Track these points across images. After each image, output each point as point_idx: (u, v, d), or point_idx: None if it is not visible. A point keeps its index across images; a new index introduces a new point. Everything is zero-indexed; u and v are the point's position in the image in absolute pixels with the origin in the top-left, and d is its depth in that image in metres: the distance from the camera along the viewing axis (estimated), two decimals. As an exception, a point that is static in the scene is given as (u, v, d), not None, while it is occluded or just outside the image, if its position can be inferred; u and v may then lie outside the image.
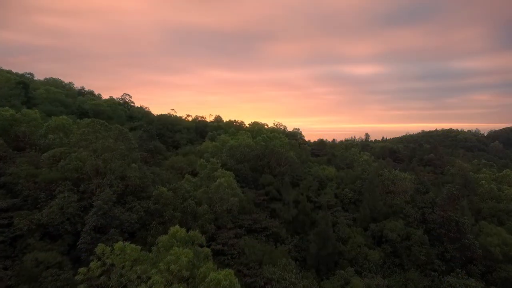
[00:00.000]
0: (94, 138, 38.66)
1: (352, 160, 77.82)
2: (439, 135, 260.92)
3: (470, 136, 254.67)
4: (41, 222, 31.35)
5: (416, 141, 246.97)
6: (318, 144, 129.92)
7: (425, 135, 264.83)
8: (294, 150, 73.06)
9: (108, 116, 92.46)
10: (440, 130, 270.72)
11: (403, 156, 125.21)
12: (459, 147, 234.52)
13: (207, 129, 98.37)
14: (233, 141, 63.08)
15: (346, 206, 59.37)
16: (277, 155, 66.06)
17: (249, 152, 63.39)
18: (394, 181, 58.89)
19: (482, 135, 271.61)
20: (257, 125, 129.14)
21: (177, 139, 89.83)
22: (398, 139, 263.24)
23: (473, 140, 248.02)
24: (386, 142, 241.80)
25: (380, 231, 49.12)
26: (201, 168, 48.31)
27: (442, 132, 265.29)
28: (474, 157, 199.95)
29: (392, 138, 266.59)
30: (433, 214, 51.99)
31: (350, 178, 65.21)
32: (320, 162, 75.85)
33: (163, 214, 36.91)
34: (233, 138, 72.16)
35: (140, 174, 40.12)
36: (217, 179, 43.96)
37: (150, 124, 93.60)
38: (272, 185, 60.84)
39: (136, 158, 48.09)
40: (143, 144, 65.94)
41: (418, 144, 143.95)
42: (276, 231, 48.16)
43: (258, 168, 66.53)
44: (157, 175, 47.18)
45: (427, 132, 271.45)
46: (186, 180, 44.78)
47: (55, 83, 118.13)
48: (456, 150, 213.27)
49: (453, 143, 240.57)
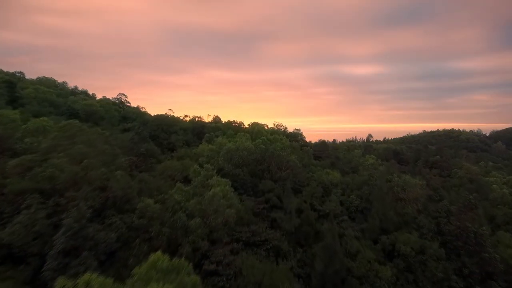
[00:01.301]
0: (70, 143, 33.82)
1: (357, 164, 72.99)
2: (440, 135, 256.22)
3: (472, 136, 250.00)
4: (3, 242, 26.57)
5: (418, 142, 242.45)
6: (320, 145, 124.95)
7: (426, 136, 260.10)
8: (296, 153, 68.28)
9: (100, 117, 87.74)
10: (441, 131, 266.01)
11: (407, 157, 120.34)
12: (462, 148, 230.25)
13: (205, 130, 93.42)
14: (230, 144, 58.23)
15: (352, 215, 54.50)
16: (278, 159, 61.19)
17: (248, 156, 58.54)
18: (404, 187, 54.04)
19: (484, 136, 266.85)
20: (257, 125, 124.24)
21: (172, 141, 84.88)
22: (400, 139, 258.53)
23: (476, 140, 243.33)
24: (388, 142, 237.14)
25: (392, 244, 44.30)
26: (195, 175, 43.49)
27: (443, 133, 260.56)
28: (477, 158, 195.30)
29: (394, 139, 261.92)
30: (449, 224, 47.18)
31: (356, 183, 60.35)
32: (324, 165, 71.00)
33: (149, 229, 32.10)
34: (231, 140, 67.31)
35: (123, 183, 35.26)
36: (211, 187, 39.16)
37: (145, 125, 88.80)
38: (273, 192, 55.96)
39: (120, 164, 43.33)
40: (134, 147, 61.11)
41: (423, 145, 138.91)
42: (277, 245, 43.36)
43: (258, 172, 61.65)
44: (145, 183, 42.33)
45: (429, 133, 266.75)
46: (178, 189, 39.93)
47: (48, 82, 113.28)
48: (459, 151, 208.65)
49: (455, 144, 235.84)
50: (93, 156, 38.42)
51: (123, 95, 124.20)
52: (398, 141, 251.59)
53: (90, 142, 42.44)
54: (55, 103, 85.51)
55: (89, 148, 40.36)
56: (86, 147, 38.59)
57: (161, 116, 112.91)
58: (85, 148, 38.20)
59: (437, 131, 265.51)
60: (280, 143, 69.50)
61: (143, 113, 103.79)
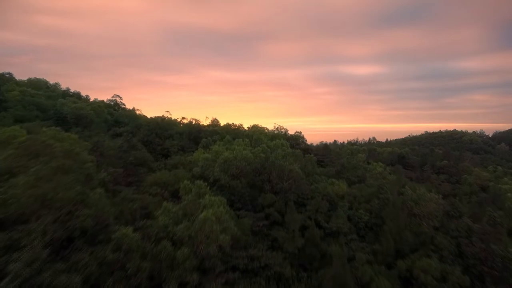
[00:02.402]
0: (33, 162, 28.24)
1: (364, 172, 67.35)
2: (443, 136, 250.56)
3: (475, 137, 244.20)
4: None
5: (420, 143, 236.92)
6: (322, 149, 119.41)
7: (429, 137, 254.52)
8: (298, 160, 62.63)
9: (91, 121, 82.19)
10: (444, 132, 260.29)
11: (412, 162, 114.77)
12: (465, 149, 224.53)
13: (201, 134, 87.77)
14: (227, 153, 52.62)
15: (361, 232, 48.94)
16: (279, 169, 55.62)
17: (246, 166, 52.98)
18: (418, 201, 48.46)
19: (487, 137, 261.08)
20: (257, 128, 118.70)
21: (167, 146, 79.31)
22: (402, 140, 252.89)
23: (479, 142, 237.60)
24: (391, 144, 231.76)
25: (409, 270, 38.72)
26: (185, 191, 37.87)
27: (446, 134, 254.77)
28: (482, 159, 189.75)
29: (395, 140, 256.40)
30: (471, 246, 41.59)
31: (365, 195, 54.79)
32: (328, 174, 65.40)
33: (125, 265, 26.56)
34: (229, 148, 61.71)
35: (98, 207, 29.68)
36: (203, 208, 33.58)
37: (139, 129, 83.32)
38: (273, 206, 50.45)
39: (102, 180, 37.74)
40: (123, 156, 55.55)
41: (429, 149, 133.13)
42: (279, 271, 37.87)
43: (257, 183, 56.12)
44: (128, 201, 36.75)
45: (431, 134, 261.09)
46: (164, 209, 34.33)
47: (38, 83, 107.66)
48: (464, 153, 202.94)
49: (458, 145, 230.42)
50: (67, 172, 32.91)
51: (118, 96, 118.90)
52: (400, 142, 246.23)
53: (67, 154, 36.98)
54: (43, 107, 79.97)
55: (64, 161, 34.86)
56: (59, 161, 33.04)
57: (156, 119, 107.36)
58: (58, 162, 32.67)
59: (439, 132, 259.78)
60: (281, 149, 63.89)
61: (138, 116, 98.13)
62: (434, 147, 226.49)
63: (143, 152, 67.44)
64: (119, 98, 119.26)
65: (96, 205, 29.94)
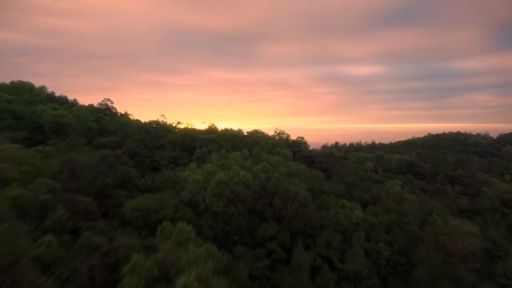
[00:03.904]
0: None
1: (379, 191, 58.25)
2: (447, 138, 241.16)
3: (480, 140, 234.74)
4: None
5: (424, 145, 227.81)
6: (327, 157, 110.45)
7: (432, 139, 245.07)
8: (304, 178, 53.69)
9: (74, 130, 73.06)
10: (448, 134, 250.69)
11: (423, 170, 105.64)
12: (471, 152, 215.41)
13: (196, 144, 78.62)
14: (221, 174, 43.62)
15: (382, 271, 39.96)
16: (283, 191, 46.67)
17: (244, 189, 44.04)
18: (451, 234, 39.49)
19: (492, 138, 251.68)
20: (257, 136, 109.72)
21: (157, 158, 70.14)
22: (405, 143, 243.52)
23: (484, 144, 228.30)
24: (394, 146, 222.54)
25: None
26: (163, 237, 28.87)
27: (450, 136, 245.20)
28: (489, 164, 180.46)
29: (398, 142, 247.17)
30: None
31: (383, 223, 45.84)
32: (337, 192, 56.37)
33: None
34: (224, 164, 52.69)
35: (32, 275, 20.68)
36: (186, 266, 24.58)
37: (126, 139, 74.21)
38: (276, 240, 41.49)
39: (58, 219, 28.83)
40: (99, 176, 46.43)
41: (441, 157, 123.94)
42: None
43: (257, 207, 47.13)
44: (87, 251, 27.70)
45: (435, 136, 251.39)
46: (134, 265, 25.28)
47: (22, 87, 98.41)
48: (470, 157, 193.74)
49: (463, 148, 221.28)
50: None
51: (108, 100, 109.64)
52: (404, 145, 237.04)
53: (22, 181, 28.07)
54: (19, 114, 70.88)
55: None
56: None
57: (148, 126, 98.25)
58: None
59: (443, 134, 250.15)
60: (285, 165, 55.02)
61: (128, 122, 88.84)
62: (439, 149, 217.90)
63: (127, 168, 58.46)
64: (110, 102, 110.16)
65: (30, 271, 20.94)
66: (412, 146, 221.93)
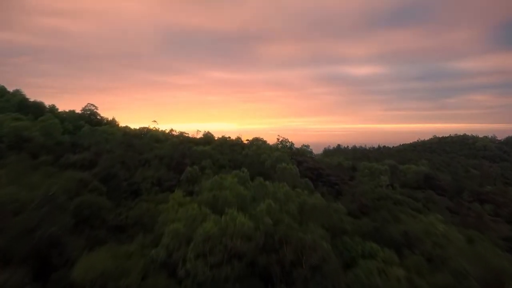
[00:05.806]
0: None
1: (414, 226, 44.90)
2: (454, 141, 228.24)
3: (488, 143, 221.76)
4: None
5: (431, 149, 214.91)
6: (335, 168, 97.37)
7: (439, 142, 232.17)
8: (321, 215, 40.41)
9: (39, 145, 59.57)
10: (454, 136, 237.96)
11: (444, 184, 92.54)
12: (480, 157, 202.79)
13: (187, 160, 65.18)
14: (210, 224, 30.21)
15: None
16: (295, 240, 33.33)
17: (243, 243, 30.71)
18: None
19: (500, 141, 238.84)
20: (258, 144, 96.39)
21: (137, 180, 56.76)
22: (411, 146, 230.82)
23: (493, 148, 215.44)
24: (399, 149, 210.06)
25: None
26: None
27: (457, 139, 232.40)
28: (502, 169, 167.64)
29: (403, 145, 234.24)
30: None
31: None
32: (362, 230, 43.14)
33: None
34: (217, 195, 39.37)
35: None
36: None
37: (100, 156, 60.65)
38: (289, 322, 28.33)
39: None
40: (42, 224, 32.91)
41: (463, 170, 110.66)
42: None
43: (260, 263, 33.86)
44: None
45: (441, 139, 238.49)
46: None
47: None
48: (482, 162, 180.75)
49: (472, 152, 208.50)
50: None
51: (92, 105, 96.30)
52: (409, 148, 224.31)
53: None
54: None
55: None
56: None
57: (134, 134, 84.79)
58: None
59: (449, 137, 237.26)
60: (296, 197, 41.91)
61: (109, 133, 75.06)
62: (447, 154, 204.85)
63: (95, 197, 45.11)
64: (94, 107, 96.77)
65: None
66: (419, 150, 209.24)
